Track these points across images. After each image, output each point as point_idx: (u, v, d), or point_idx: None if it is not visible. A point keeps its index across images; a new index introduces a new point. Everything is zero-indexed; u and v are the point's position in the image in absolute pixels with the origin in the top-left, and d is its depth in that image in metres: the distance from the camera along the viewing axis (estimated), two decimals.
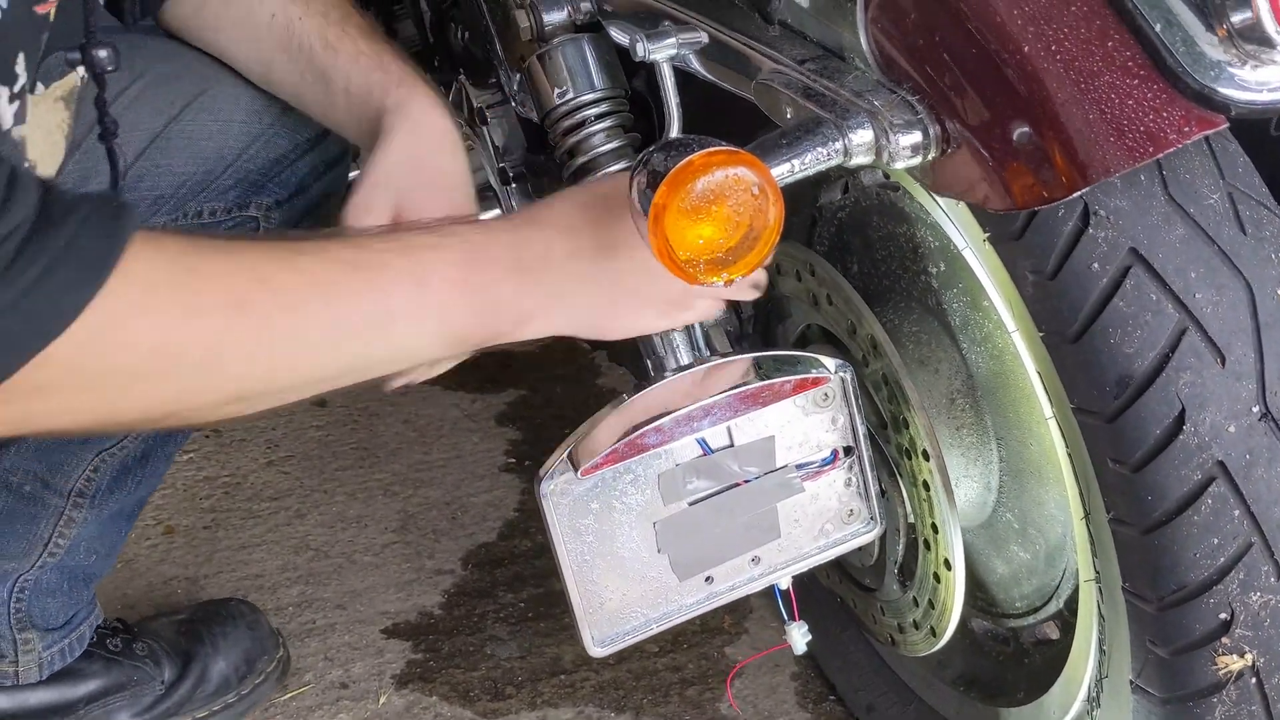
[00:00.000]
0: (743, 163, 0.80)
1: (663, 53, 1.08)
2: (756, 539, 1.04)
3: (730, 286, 0.83)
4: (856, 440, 1.07)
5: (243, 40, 1.18)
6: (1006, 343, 1.06)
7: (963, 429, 1.21)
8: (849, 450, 1.07)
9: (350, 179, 1.29)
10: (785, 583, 1.09)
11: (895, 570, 1.23)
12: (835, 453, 1.07)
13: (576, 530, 0.97)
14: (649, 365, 1.16)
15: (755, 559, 1.05)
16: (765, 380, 1.00)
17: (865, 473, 1.08)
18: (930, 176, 0.91)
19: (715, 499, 1.02)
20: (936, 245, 1.16)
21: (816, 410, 1.05)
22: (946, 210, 1.04)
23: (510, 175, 1.44)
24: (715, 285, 0.83)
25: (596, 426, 0.97)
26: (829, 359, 1.04)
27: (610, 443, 0.96)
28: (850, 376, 1.04)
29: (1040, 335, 0.93)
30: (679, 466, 1.01)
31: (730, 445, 1.02)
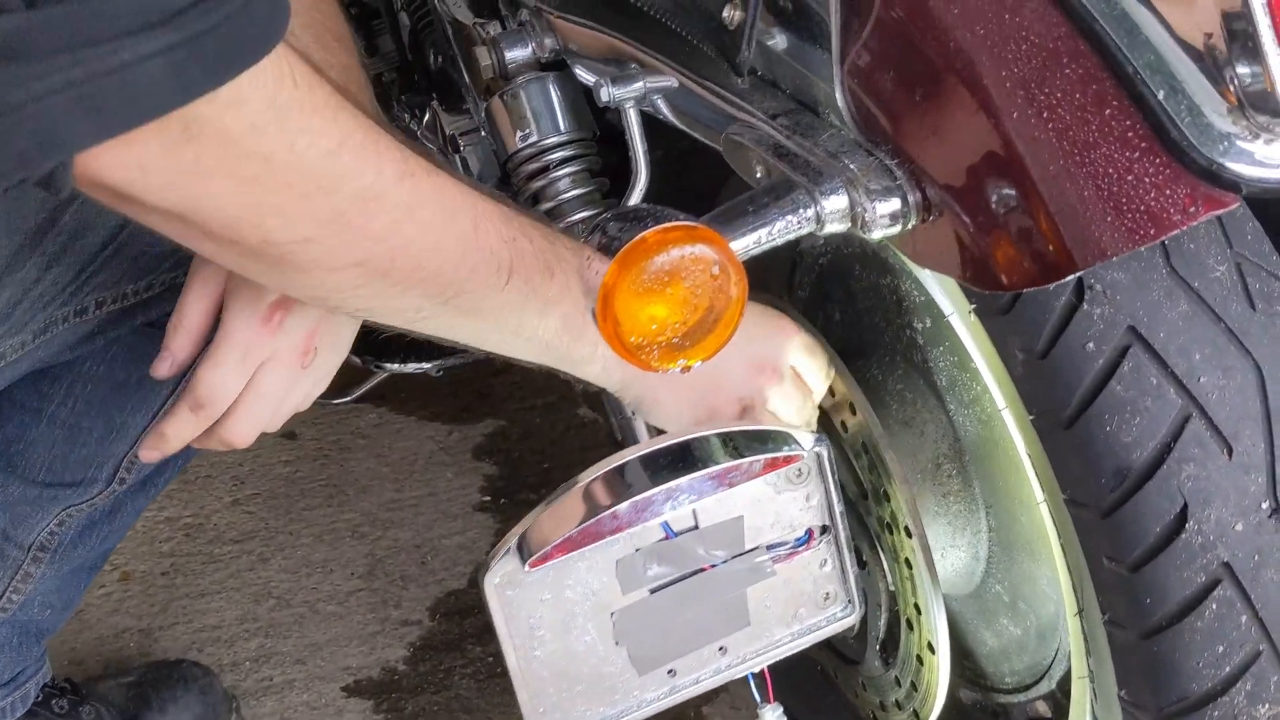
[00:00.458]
0: (701, 240, 0.73)
1: (629, 97, 1.01)
2: (723, 627, 0.96)
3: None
4: (833, 519, 0.99)
5: None
6: (996, 410, 0.99)
7: (949, 496, 1.13)
8: (825, 529, 0.99)
9: None
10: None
11: (878, 646, 1.15)
12: (810, 532, 0.99)
13: (525, 625, 0.90)
14: (615, 430, 1.08)
15: (722, 649, 0.97)
16: (734, 460, 0.93)
17: (843, 553, 1.00)
18: (910, 246, 0.83)
19: (678, 586, 0.95)
20: (921, 300, 1.08)
21: (790, 488, 0.97)
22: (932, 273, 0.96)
23: None
24: (672, 371, 0.75)
25: (549, 509, 0.90)
26: (804, 433, 0.96)
27: (563, 530, 0.88)
28: (827, 452, 0.96)
29: (1030, 418, 0.85)
30: (639, 552, 0.93)
31: (695, 527, 0.94)
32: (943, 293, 0.96)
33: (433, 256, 0.80)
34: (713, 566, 0.96)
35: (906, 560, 1.04)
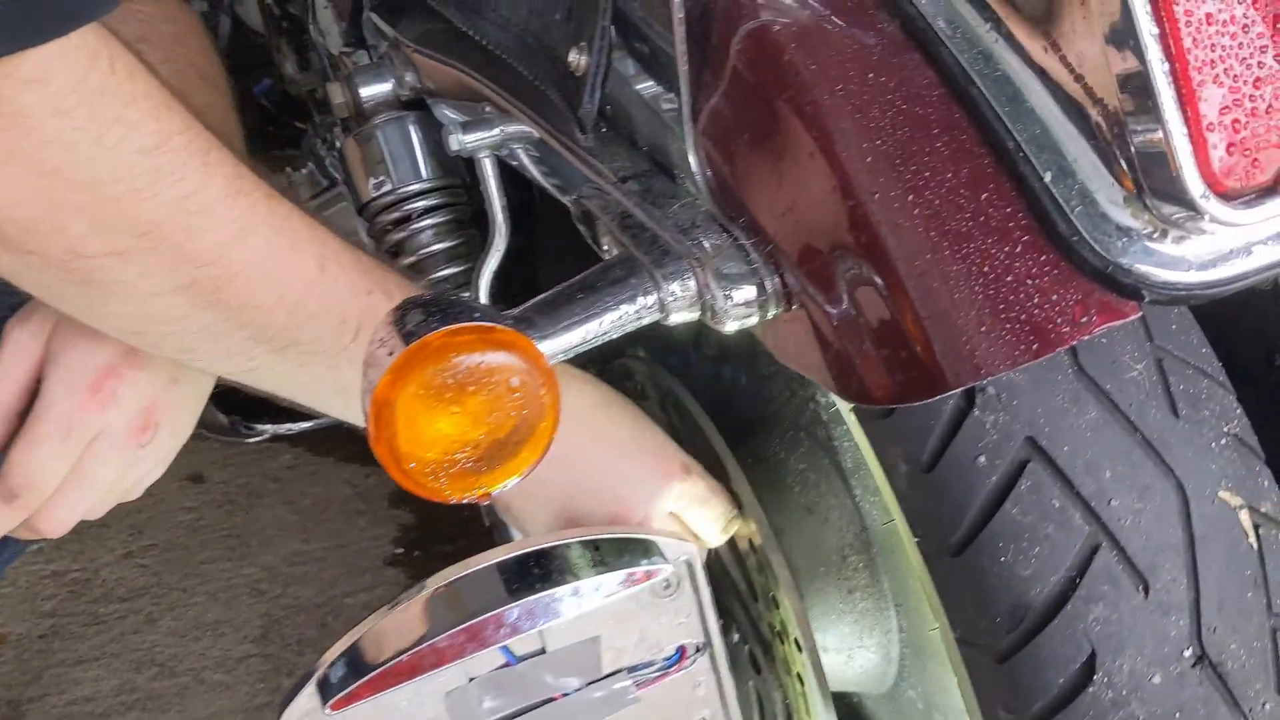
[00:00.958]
0: (499, 346, 0.60)
1: (482, 146, 0.88)
2: None
3: None
4: (709, 636, 0.86)
5: None
6: None
7: (855, 592, 1.00)
8: (700, 648, 0.87)
9: None
10: None
11: None
12: (682, 650, 0.86)
13: None
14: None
15: None
16: (588, 577, 0.80)
17: (720, 673, 0.87)
18: (772, 338, 0.70)
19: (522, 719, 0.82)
20: None
21: (656, 601, 0.84)
22: None
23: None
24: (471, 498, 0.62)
25: (363, 636, 0.77)
26: (673, 541, 0.84)
27: (374, 662, 0.75)
28: (698, 560, 0.84)
29: (915, 541, 0.72)
30: (473, 682, 0.80)
31: (542, 651, 0.81)
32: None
33: (267, 291, 0.70)
34: (565, 695, 0.83)
35: (798, 675, 0.92)
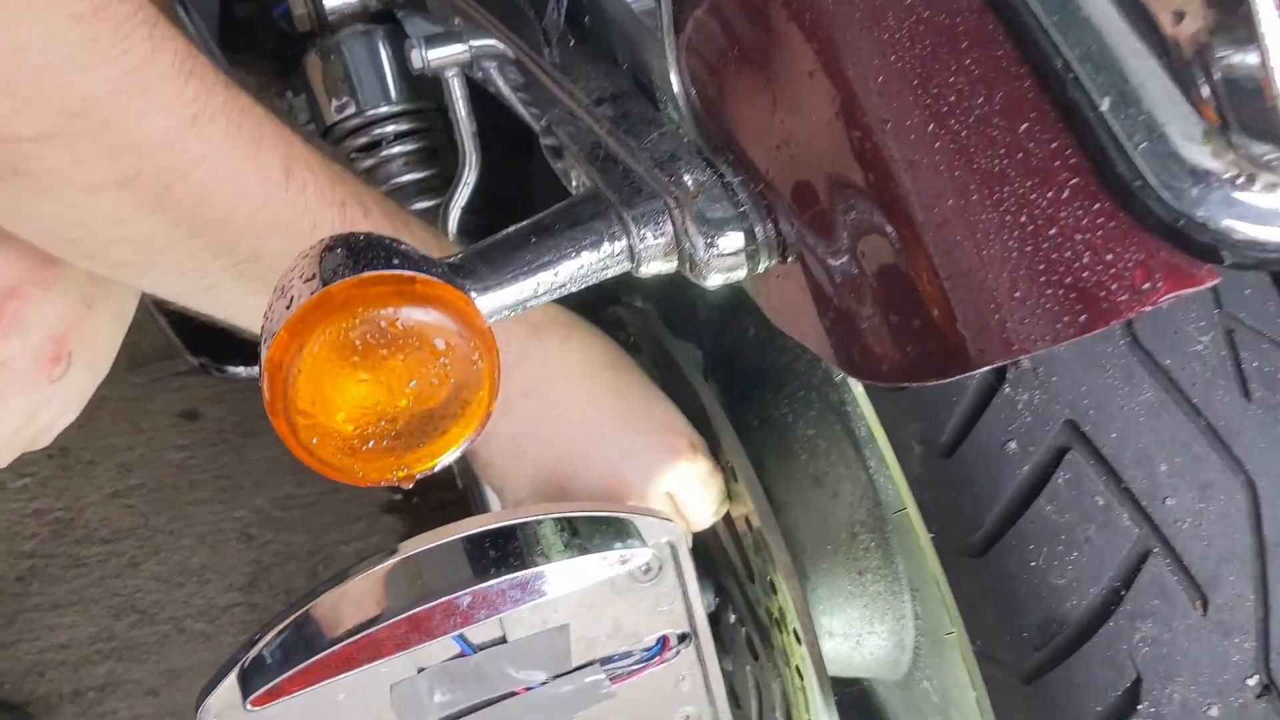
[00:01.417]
0: (420, 300, 0.49)
1: (448, 64, 0.77)
2: None
3: None
4: (694, 625, 0.76)
5: None
6: None
7: (866, 574, 0.90)
8: (685, 637, 0.77)
9: None
10: None
11: None
12: (664, 641, 0.76)
13: None
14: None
15: None
16: (554, 561, 0.70)
17: (707, 665, 0.77)
18: (765, 295, 0.59)
19: (479, 715, 0.72)
20: None
21: (635, 587, 0.74)
22: None
23: None
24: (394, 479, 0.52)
25: (294, 622, 0.67)
26: (654, 519, 0.73)
27: (302, 655, 0.66)
28: (681, 542, 0.73)
29: (930, 537, 0.61)
30: (423, 673, 0.70)
31: (502, 640, 0.72)
32: None
33: (224, 192, 0.61)
34: (528, 689, 0.73)
35: (797, 669, 0.82)
